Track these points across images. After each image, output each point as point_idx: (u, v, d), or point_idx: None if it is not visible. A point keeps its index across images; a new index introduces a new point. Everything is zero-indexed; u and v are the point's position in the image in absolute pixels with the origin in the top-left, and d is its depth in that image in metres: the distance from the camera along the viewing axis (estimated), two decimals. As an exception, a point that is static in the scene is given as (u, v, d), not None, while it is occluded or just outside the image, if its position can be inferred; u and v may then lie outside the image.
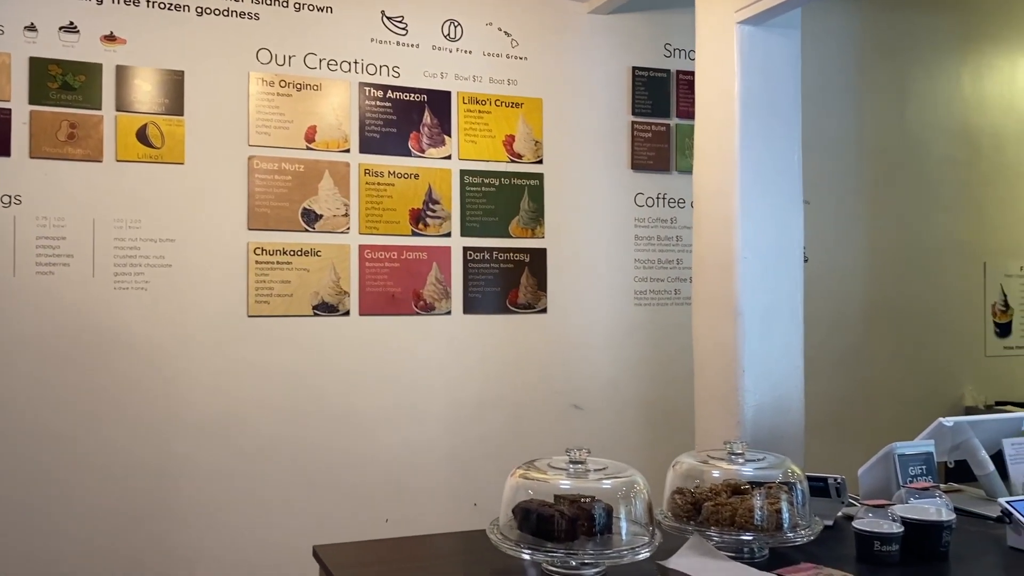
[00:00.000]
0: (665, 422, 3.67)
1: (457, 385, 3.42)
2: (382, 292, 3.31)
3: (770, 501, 1.74)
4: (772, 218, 2.83)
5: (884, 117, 4.33)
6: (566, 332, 3.61)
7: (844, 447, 3.14)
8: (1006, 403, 4.30)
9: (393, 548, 1.84)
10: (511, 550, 1.62)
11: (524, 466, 1.74)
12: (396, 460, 3.33)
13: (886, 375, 4.24)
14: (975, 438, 2.14)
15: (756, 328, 2.79)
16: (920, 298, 4.37)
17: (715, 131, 2.87)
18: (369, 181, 3.31)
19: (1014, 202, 4.63)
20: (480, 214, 3.46)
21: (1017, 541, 1.82)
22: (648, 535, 1.66)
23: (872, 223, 4.28)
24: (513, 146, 3.51)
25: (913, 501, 1.79)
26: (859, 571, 1.65)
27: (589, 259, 3.65)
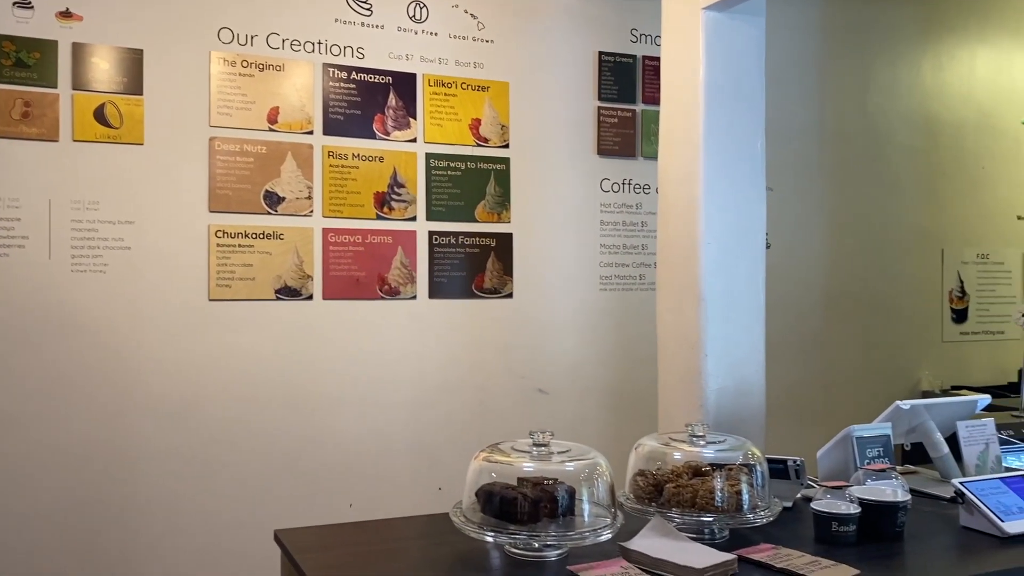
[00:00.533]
0: (629, 406, 3.69)
1: (422, 370, 3.41)
2: (346, 276, 3.29)
3: (730, 483, 1.76)
4: (735, 204, 2.84)
5: (846, 106, 4.38)
6: (532, 317, 3.61)
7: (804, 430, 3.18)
8: (961, 387, 4.40)
9: (355, 531, 1.84)
10: (474, 533, 1.62)
11: (488, 449, 1.74)
12: (360, 445, 3.31)
13: (846, 360, 4.31)
14: (930, 421, 2.18)
15: (719, 313, 2.81)
16: (879, 284, 4.44)
17: (680, 117, 2.87)
18: (333, 164, 3.27)
19: (972, 191, 4.72)
20: (446, 198, 3.44)
21: (969, 521, 1.86)
22: (610, 517, 1.67)
23: (833, 210, 4.34)
24: (479, 130, 3.50)
25: (870, 482, 1.82)
26: (817, 551, 1.68)
27: (555, 244, 3.65)
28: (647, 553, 1.59)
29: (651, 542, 1.64)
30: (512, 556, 1.64)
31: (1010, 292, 4.78)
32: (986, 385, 4.26)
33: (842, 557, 1.64)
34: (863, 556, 1.67)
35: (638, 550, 1.60)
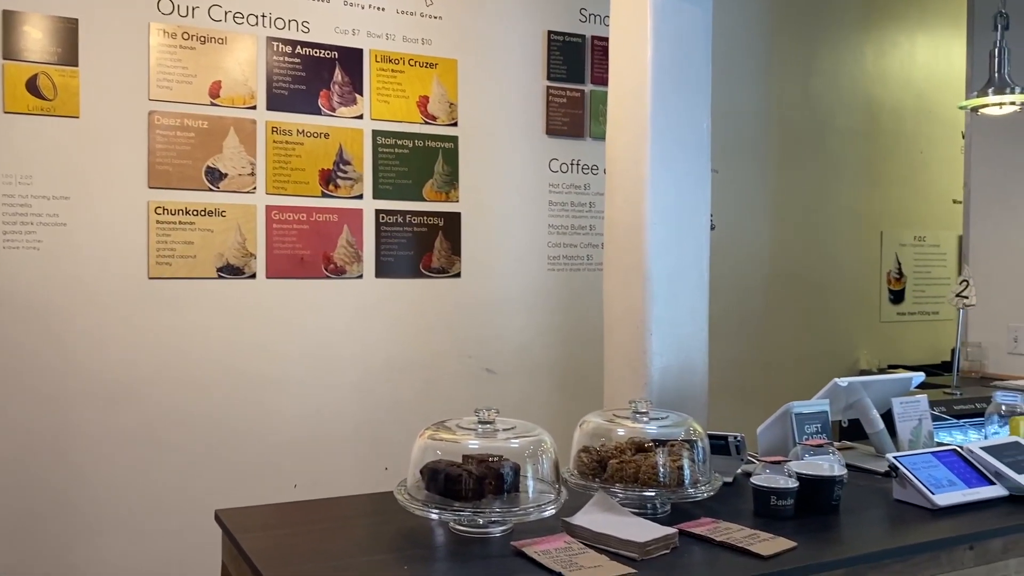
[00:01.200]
0: (576, 385, 3.72)
1: (368, 350, 3.38)
2: (290, 255, 3.24)
3: (672, 458, 1.79)
4: (681, 185, 2.87)
5: (790, 89, 4.45)
6: (480, 297, 3.61)
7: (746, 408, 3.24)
8: (898, 366, 4.53)
9: (298, 511, 1.82)
10: (419, 510, 1.62)
11: (433, 427, 1.74)
12: (305, 425, 3.28)
13: (787, 339, 4.40)
14: (867, 398, 2.23)
15: (663, 292, 2.83)
16: (820, 266, 4.54)
17: (627, 98, 2.88)
18: (277, 140, 3.21)
19: (910, 174, 4.84)
20: (393, 176, 3.41)
21: (902, 494, 1.92)
22: (554, 493, 1.68)
23: (776, 192, 4.41)
24: (427, 107, 3.46)
25: (808, 458, 1.86)
26: (756, 524, 1.71)
27: (504, 224, 3.65)
28: (590, 528, 1.60)
29: (594, 517, 1.65)
30: (457, 533, 1.64)
31: (945, 274, 4.93)
32: (921, 364, 4.38)
33: (780, 530, 1.67)
34: (800, 529, 1.71)
35: (581, 525, 1.62)
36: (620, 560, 1.50)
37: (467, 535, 1.63)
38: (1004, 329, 3.80)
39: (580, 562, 1.48)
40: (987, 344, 3.84)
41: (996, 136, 3.88)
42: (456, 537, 1.63)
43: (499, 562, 1.51)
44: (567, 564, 1.47)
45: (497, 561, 1.52)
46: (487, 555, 1.55)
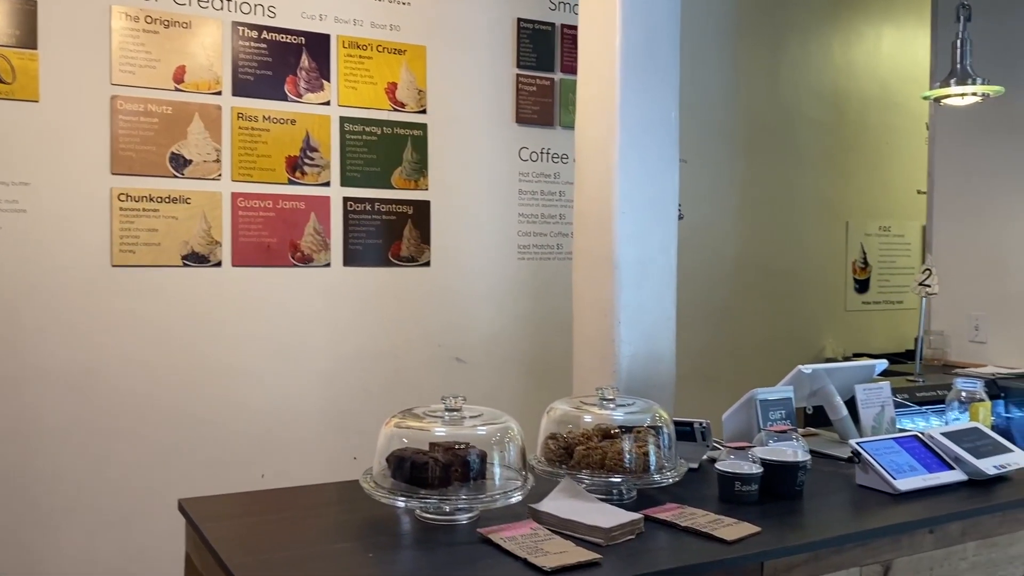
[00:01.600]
0: (545, 374, 3.72)
1: (336, 339, 3.36)
2: (256, 242, 3.20)
3: (638, 444, 1.79)
4: (649, 174, 2.87)
5: (758, 80, 4.47)
6: (450, 285, 3.59)
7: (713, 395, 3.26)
8: (862, 354, 4.59)
9: (263, 499, 1.81)
10: (384, 498, 1.61)
11: (399, 415, 1.73)
12: (272, 415, 3.25)
13: (753, 327, 4.44)
14: (831, 384, 2.26)
15: (632, 281, 2.84)
16: (787, 255, 4.59)
17: (596, 86, 2.88)
18: (243, 126, 3.17)
19: (876, 164, 4.90)
20: (361, 164, 3.38)
21: (865, 479, 1.94)
22: (521, 479, 1.69)
23: (744, 183, 4.44)
24: (396, 94, 3.44)
25: (772, 444, 1.88)
26: (721, 510, 1.73)
27: (473, 212, 3.64)
28: (556, 514, 1.61)
29: (560, 503, 1.65)
30: (423, 520, 1.64)
31: (909, 263, 5.00)
32: (885, 352, 4.44)
33: (744, 515, 1.69)
34: (764, 514, 1.73)
35: (548, 511, 1.62)
36: (586, 546, 1.50)
37: (433, 523, 1.63)
38: (966, 318, 3.86)
39: (546, 548, 1.48)
40: (949, 332, 3.91)
41: (959, 127, 3.93)
42: (422, 525, 1.63)
43: (465, 549, 1.51)
44: (533, 550, 1.47)
45: (463, 548, 1.51)
46: (453, 542, 1.54)
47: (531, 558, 1.43)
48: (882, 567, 1.73)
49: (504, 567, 1.43)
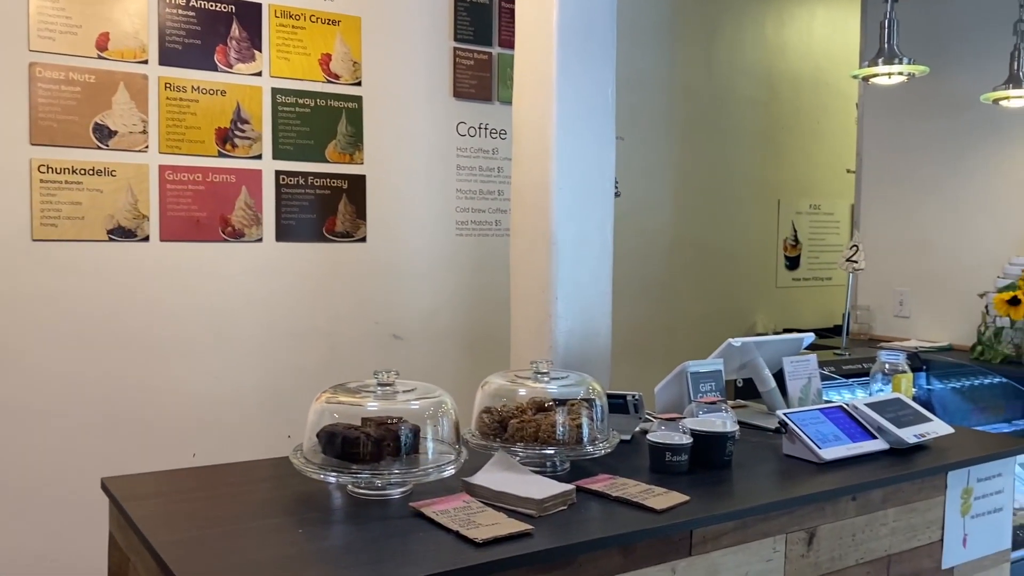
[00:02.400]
0: (484, 350, 3.72)
1: (269, 315, 3.30)
2: (186, 217, 3.12)
3: (571, 417, 1.81)
4: (586, 151, 2.88)
5: (693, 59, 4.51)
6: (386, 261, 3.55)
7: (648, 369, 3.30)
8: (793, 329, 4.70)
9: (190, 477, 1.77)
10: (315, 474, 1.59)
11: (330, 390, 1.71)
12: (203, 394, 3.18)
13: (687, 304, 4.51)
14: (759, 357, 2.31)
15: (569, 257, 2.86)
16: (720, 233, 4.66)
17: (533, 62, 2.87)
18: (170, 96, 3.07)
19: (807, 144, 5.00)
20: (294, 136, 3.31)
21: (791, 449, 1.99)
22: (455, 453, 1.68)
23: (680, 161, 4.49)
24: (330, 66, 3.37)
25: (702, 415, 1.91)
26: (652, 480, 1.75)
27: (410, 188, 3.60)
28: (489, 487, 1.61)
29: (494, 476, 1.66)
30: (355, 496, 1.63)
31: (838, 241, 5.13)
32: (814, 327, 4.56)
33: (674, 485, 1.72)
34: (694, 483, 1.76)
35: (481, 484, 1.62)
36: (518, 517, 1.51)
37: (366, 498, 1.62)
38: (891, 293, 3.98)
39: (478, 520, 1.48)
40: (875, 307, 4.03)
41: (887, 106, 4.03)
42: (354, 500, 1.62)
43: (397, 523, 1.50)
44: (465, 523, 1.47)
45: (395, 522, 1.51)
46: (385, 516, 1.54)
47: (463, 530, 1.44)
48: (807, 534, 1.78)
49: (436, 540, 1.42)
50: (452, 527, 1.45)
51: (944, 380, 3.32)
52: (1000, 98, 3.27)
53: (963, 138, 3.72)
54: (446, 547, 1.39)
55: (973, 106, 3.51)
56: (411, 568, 1.31)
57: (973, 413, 3.22)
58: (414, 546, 1.40)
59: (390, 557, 1.35)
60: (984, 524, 2.13)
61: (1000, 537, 2.19)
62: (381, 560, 1.34)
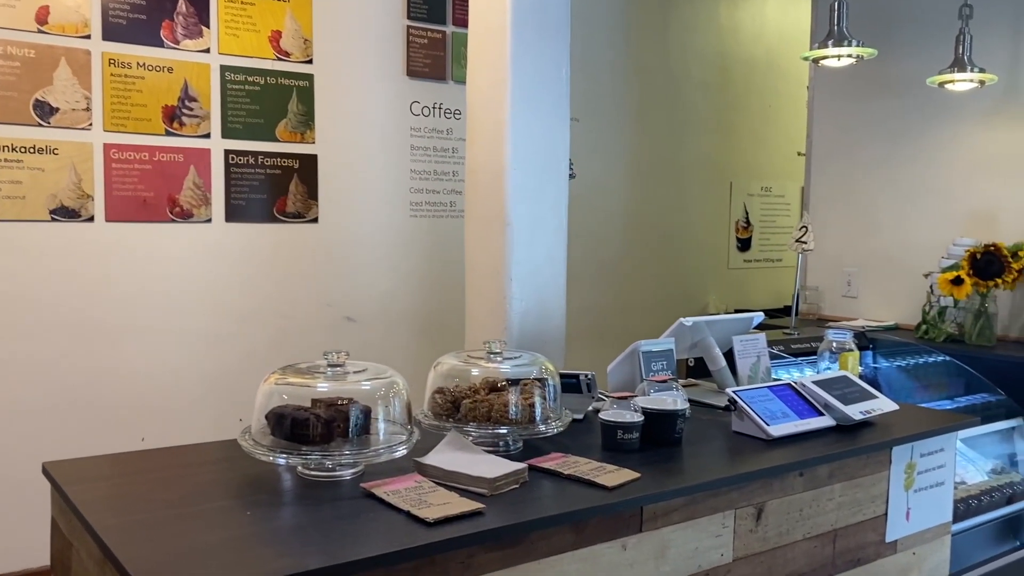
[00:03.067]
0: (438, 331, 3.71)
1: (219, 297, 3.24)
2: (132, 196, 3.04)
3: (524, 396, 1.81)
4: (541, 132, 2.87)
5: (648, 41, 4.52)
6: (339, 243, 3.52)
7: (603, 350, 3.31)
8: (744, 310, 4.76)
9: (135, 460, 1.73)
10: (264, 455, 1.57)
11: (279, 371, 1.68)
12: (152, 377, 3.13)
13: (642, 285, 4.54)
14: (710, 336, 2.33)
15: (524, 238, 2.85)
16: (674, 214, 4.70)
17: (487, 40, 2.85)
18: (115, 72, 2.99)
19: (759, 127, 5.05)
20: (244, 115, 3.24)
21: (740, 426, 2.02)
22: (406, 434, 1.67)
23: (635, 143, 4.51)
24: (280, 43, 3.31)
25: (653, 393, 1.92)
26: (604, 458, 1.76)
27: (363, 168, 3.56)
28: (441, 467, 1.60)
29: (446, 456, 1.65)
30: (305, 477, 1.61)
31: (788, 223, 5.20)
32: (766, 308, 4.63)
33: (626, 462, 1.73)
34: (645, 461, 1.77)
35: (433, 464, 1.61)
36: (470, 496, 1.51)
37: (316, 479, 1.60)
38: (839, 273, 4.05)
39: (430, 500, 1.48)
40: (824, 288, 4.09)
41: (836, 90, 4.09)
42: (305, 482, 1.60)
43: (348, 504, 1.49)
44: (416, 502, 1.46)
45: (346, 503, 1.49)
46: (336, 498, 1.52)
47: (414, 510, 1.43)
48: (755, 509, 1.80)
49: (387, 520, 1.42)
50: (403, 507, 1.44)
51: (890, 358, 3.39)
52: (945, 81, 3.33)
53: (910, 120, 3.79)
54: (397, 527, 1.39)
55: (920, 89, 3.58)
56: (361, 548, 1.30)
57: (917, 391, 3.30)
58: (365, 526, 1.39)
59: (340, 538, 1.34)
60: (927, 498, 2.19)
61: (942, 510, 2.25)
62: (331, 541, 1.33)
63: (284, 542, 1.33)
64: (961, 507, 2.71)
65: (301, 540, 1.33)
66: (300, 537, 1.35)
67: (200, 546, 1.30)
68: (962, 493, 2.79)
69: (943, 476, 2.23)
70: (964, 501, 2.76)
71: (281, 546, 1.32)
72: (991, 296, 3.32)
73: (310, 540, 1.33)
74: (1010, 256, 3.27)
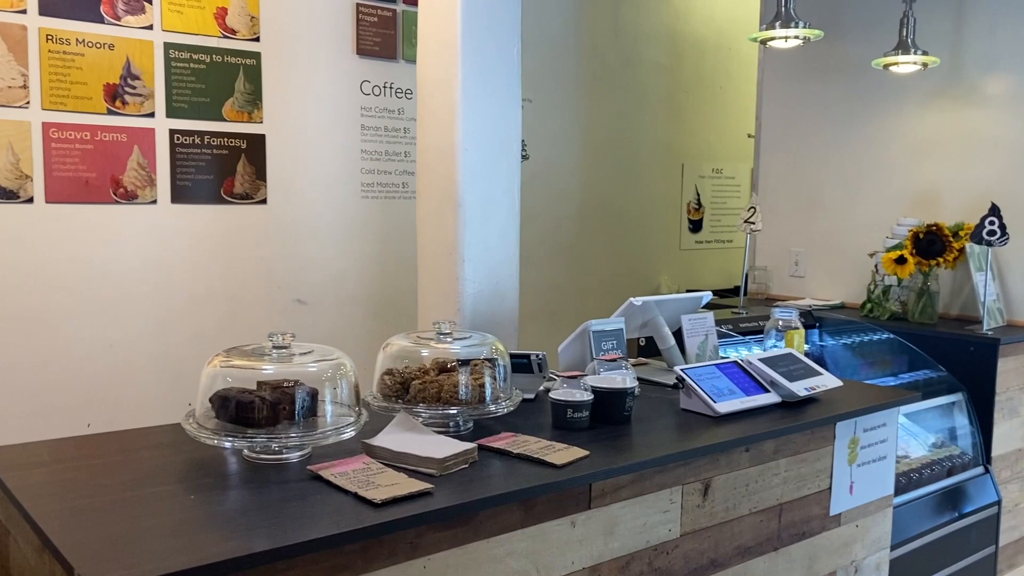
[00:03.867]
0: (391, 314, 3.69)
1: (165, 280, 3.18)
2: (73, 177, 2.96)
3: (474, 377, 1.81)
4: (492, 112, 2.86)
5: (600, 21, 4.52)
6: (288, 224, 3.46)
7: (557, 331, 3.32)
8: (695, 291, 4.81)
9: (77, 446, 1.69)
10: (209, 439, 1.55)
11: (223, 353, 1.66)
12: (98, 362, 3.06)
13: (595, 266, 4.56)
14: (660, 316, 2.35)
15: (476, 219, 2.84)
16: (627, 196, 4.72)
17: (438, 19, 2.82)
18: (53, 49, 2.90)
19: (710, 109, 5.09)
20: (189, 94, 3.17)
21: (688, 403, 2.04)
22: (354, 416, 1.66)
23: (588, 124, 4.51)
24: (226, 20, 3.23)
25: (603, 372, 1.94)
26: (554, 436, 1.77)
27: (313, 148, 3.50)
28: (390, 448, 1.60)
29: (394, 437, 1.65)
30: (251, 461, 1.59)
31: (739, 204, 5.26)
32: (716, 288, 4.69)
33: (575, 440, 1.74)
34: (594, 438, 1.79)
35: (381, 445, 1.61)
36: (419, 477, 1.50)
37: (262, 462, 1.58)
38: (787, 254, 4.11)
39: (377, 481, 1.47)
40: (772, 268, 4.16)
41: (785, 72, 4.13)
42: (251, 465, 1.58)
43: (295, 486, 1.48)
44: (364, 484, 1.45)
45: (293, 486, 1.48)
46: (283, 480, 1.51)
47: (361, 492, 1.42)
48: (702, 485, 1.83)
49: (335, 502, 1.41)
50: (351, 489, 1.44)
51: (836, 337, 3.46)
52: (890, 64, 3.39)
53: (856, 102, 3.85)
54: (345, 509, 1.38)
55: (865, 71, 3.63)
56: (308, 530, 1.29)
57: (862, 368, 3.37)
58: (311, 509, 1.38)
59: (287, 520, 1.33)
60: (869, 472, 2.24)
61: (884, 484, 2.31)
62: (277, 523, 1.32)
63: (229, 525, 1.32)
64: (903, 480, 2.78)
65: (246, 523, 1.32)
66: (245, 520, 1.33)
67: (141, 531, 1.27)
68: (904, 467, 2.86)
69: (885, 450, 2.29)
70: (906, 474, 2.83)
71: (225, 529, 1.30)
72: (933, 275, 3.40)
73: (255, 523, 1.32)
74: (951, 236, 3.35)
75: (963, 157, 3.53)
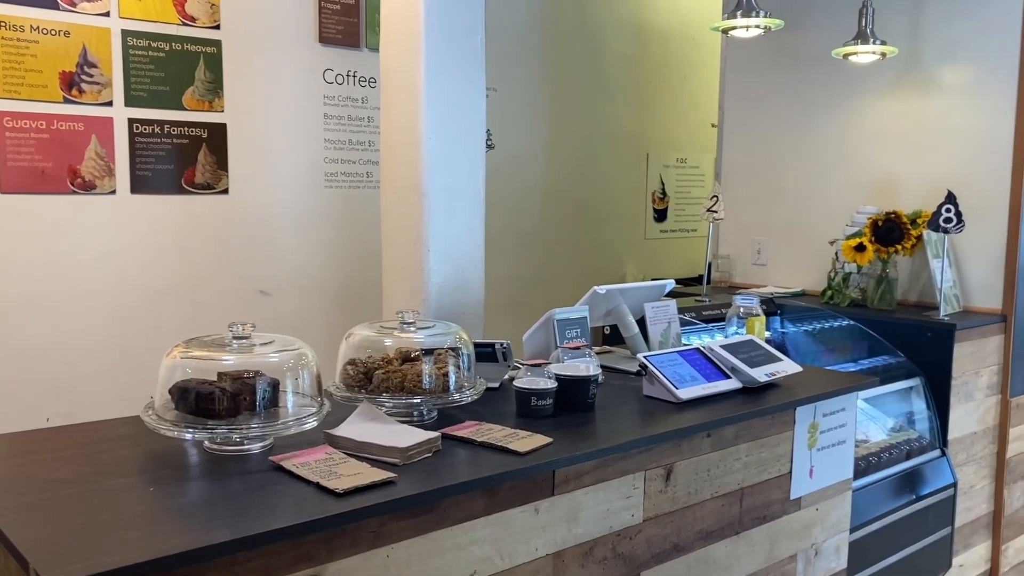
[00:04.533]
0: (356, 305, 3.67)
1: (125, 272, 3.13)
2: (28, 167, 2.90)
3: (438, 366, 1.81)
4: (456, 101, 2.85)
5: (565, 11, 4.52)
6: (251, 214, 3.43)
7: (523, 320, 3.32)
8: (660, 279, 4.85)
9: (31, 440, 1.67)
10: (169, 431, 1.54)
11: (183, 344, 1.64)
12: (56, 355, 3.01)
13: (560, 255, 4.58)
14: (624, 304, 2.37)
15: (440, 209, 2.83)
16: (592, 185, 4.74)
17: (401, 7, 2.80)
18: (6, 36, 2.83)
19: (675, 99, 5.12)
20: (148, 82, 3.12)
21: (651, 390, 2.06)
22: (316, 406, 1.65)
23: (553, 114, 4.51)
24: (185, 7, 3.18)
25: (567, 360, 1.95)
26: (518, 424, 1.78)
27: (275, 137, 3.47)
28: (353, 438, 1.59)
29: (357, 427, 1.64)
30: (212, 452, 1.58)
31: (703, 193, 5.31)
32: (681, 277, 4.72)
33: (539, 428, 1.75)
34: (558, 426, 1.80)
35: (344, 435, 1.60)
36: (382, 466, 1.50)
37: (223, 454, 1.57)
38: (750, 242, 4.16)
39: (340, 471, 1.47)
40: (735, 256, 4.20)
41: (747, 61, 4.17)
42: (212, 457, 1.57)
43: (256, 477, 1.47)
44: (326, 474, 1.45)
45: (254, 476, 1.47)
46: (244, 472, 1.50)
47: (324, 481, 1.42)
48: (665, 470, 1.85)
49: (297, 492, 1.40)
50: (312, 479, 1.43)
51: (797, 323, 3.51)
52: (849, 53, 3.43)
53: (816, 91, 3.89)
54: (307, 498, 1.38)
55: (826, 60, 3.67)
56: (269, 520, 1.28)
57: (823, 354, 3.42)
58: (273, 499, 1.37)
59: (247, 511, 1.32)
60: (829, 456, 2.28)
61: (843, 468, 2.35)
62: (238, 514, 1.31)
63: (189, 517, 1.31)
64: (863, 463, 2.84)
65: (206, 515, 1.31)
66: (206, 512, 1.33)
67: (99, 524, 1.26)
68: (864, 451, 2.91)
69: (844, 435, 2.33)
70: (865, 458, 2.89)
71: (186, 521, 1.29)
72: (892, 262, 3.46)
73: (216, 514, 1.31)
74: (909, 223, 3.41)
75: (921, 146, 3.59)
